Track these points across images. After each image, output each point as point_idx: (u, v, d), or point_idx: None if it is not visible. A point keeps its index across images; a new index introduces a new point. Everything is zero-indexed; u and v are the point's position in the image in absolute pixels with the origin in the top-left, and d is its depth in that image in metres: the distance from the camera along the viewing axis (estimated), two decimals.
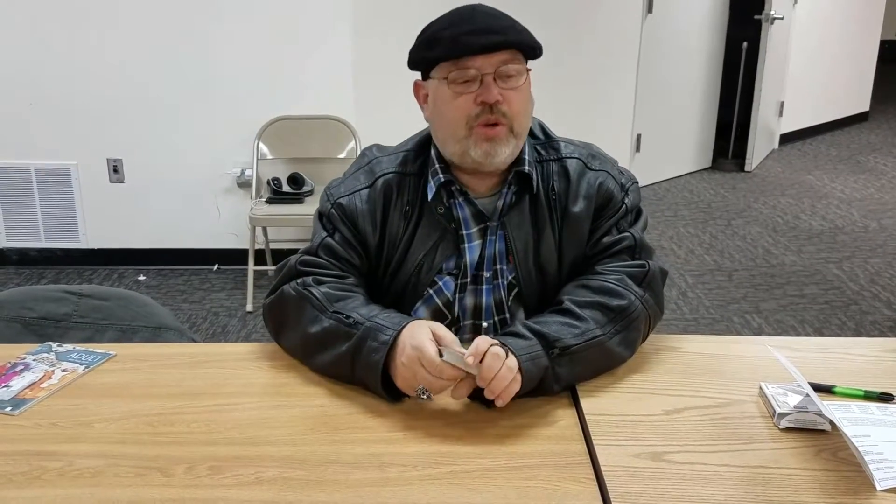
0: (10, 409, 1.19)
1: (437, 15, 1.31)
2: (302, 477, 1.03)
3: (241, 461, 1.07)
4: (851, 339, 2.24)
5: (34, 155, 3.73)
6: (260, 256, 3.71)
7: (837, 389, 1.22)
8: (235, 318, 3.37)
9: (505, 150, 1.28)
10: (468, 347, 1.13)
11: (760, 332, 3.21)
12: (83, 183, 3.76)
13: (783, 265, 3.89)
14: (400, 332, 1.18)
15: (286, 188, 3.53)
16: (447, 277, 1.37)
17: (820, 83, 6.30)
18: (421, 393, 1.15)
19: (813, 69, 6.14)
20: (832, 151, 6.04)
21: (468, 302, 1.38)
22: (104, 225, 3.84)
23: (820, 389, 1.19)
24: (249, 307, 3.43)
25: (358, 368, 1.21)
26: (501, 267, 1.37)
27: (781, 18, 5.22)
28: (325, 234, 1.36)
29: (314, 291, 1.28)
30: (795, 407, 1.14)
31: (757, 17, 5.18)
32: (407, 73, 1.37)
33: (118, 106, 3.64)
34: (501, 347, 1.14)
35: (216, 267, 3.87)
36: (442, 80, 1.28)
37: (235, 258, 3.77)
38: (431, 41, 1.28)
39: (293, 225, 3.67)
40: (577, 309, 1.25)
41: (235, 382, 1.27)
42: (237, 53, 3.58)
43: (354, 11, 3.57)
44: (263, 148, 3.63)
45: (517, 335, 1.20)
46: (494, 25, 1.26)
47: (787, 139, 6.19)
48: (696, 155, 5.49)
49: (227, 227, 3.83)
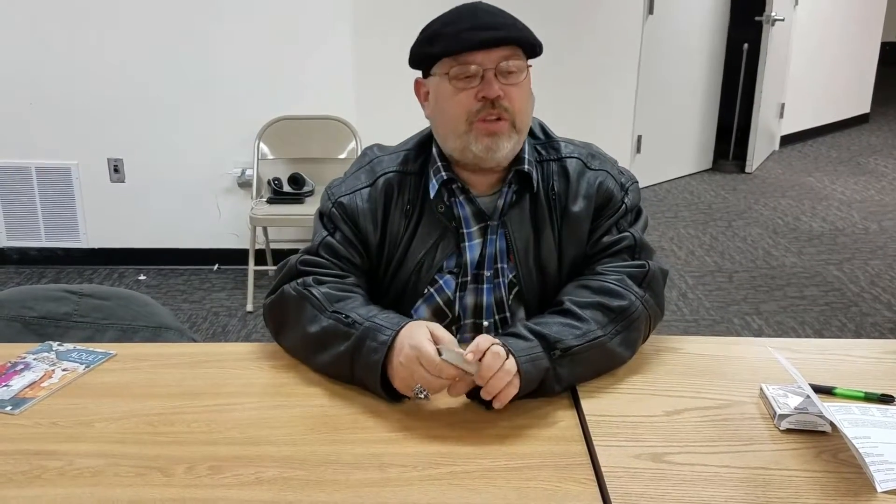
0: (10, 408, 1.19)
1: (437, 14, 1.32)
2: (302, 477, 1.03)
3: (241, 461, 1.06)
4: (852, 340, 2.24)
5: (35, 154, 3.73)
6: (260, 256, 3.71)
7: (838, 391, 1.22)
8: (235, 318, 3.37)
9: (506, 144, 1.28)
10: (467, 348, 1.13)
11: (761, 333, 3.21)
12: (84, 182, 3.76)
13: (783, 267, 3.88)
14: (398, 332, 1.18)
15: (287, 188, 3.53)
16: (448, 276, 1.37)
17: (820, 85, 6.29)
18: (419, 392, 1.15)
19: (813, 71, 6.14)
20: (833, 153, 6.04)
21: (469, 301, 1.39)
22: (105, 224, 3.83)
23: (820, 391, 1.19)
24: (250, 307, 3.43)
25: (357, 368, 1.21)
26: (502, 266, 1.37)
27: (782, 20, 5.21)
28: (325, 233, 1.36)
29: (314, 291, 1.28)
30: (796, 408, 1.14)
31: (758, 18, 5.18)
32: (407, 72, 1.37)
33: (119, 106, 3.64)
34: (502, 347, 1.14)
35: (216, 267, 3.87)
36: (443, 76, 1.28)
37: (236, 258, 3.77)
38: (433, 37, 1.29)
39: (293, 225, 3.67)
40: (577, 309, 1.25)
41: (235, 382, 1.27)
42: (237, 53, 3.58)
43: (354, 11, 3.57)
44: (264, 148, 3.63)
45: (518, 336, 1.20)
46: (495, 22, 1.27)
47: (787, 141, 6.18)
48: (696, 156, 5.49)
49: (227, 227, 3.83)
